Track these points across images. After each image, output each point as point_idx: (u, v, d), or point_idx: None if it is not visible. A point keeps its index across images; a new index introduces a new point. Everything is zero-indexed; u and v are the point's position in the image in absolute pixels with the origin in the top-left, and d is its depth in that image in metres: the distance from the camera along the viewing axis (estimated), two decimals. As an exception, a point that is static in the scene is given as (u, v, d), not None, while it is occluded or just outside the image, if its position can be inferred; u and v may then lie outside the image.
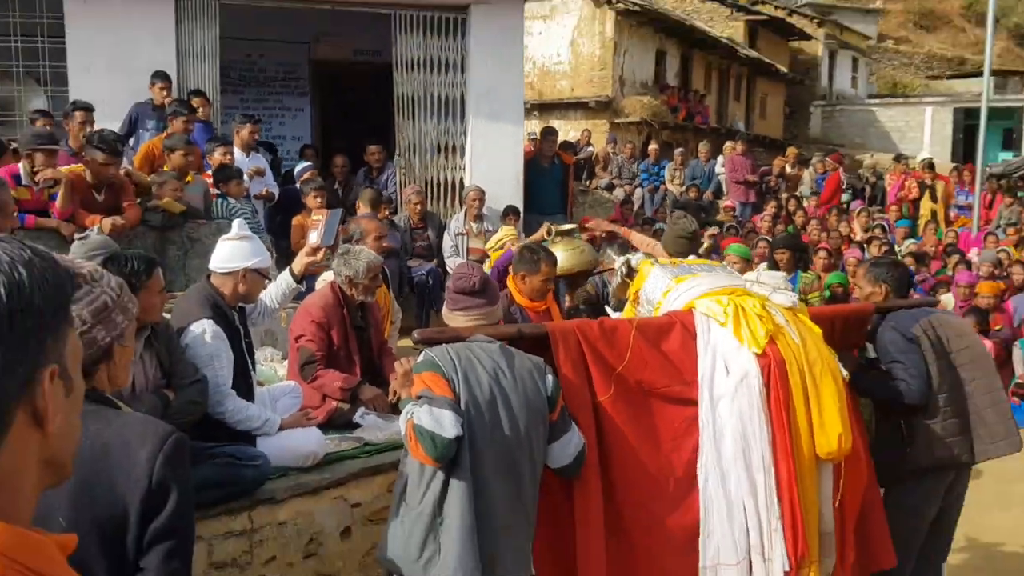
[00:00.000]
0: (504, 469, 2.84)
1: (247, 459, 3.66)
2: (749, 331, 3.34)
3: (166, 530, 1.78)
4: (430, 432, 2.68)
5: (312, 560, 3.86)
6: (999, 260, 9.94)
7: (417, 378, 2.86)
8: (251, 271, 3.91)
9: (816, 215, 12.45)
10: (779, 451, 3.26)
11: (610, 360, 3.24)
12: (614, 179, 14.77)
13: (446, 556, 2.76)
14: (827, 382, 3.38)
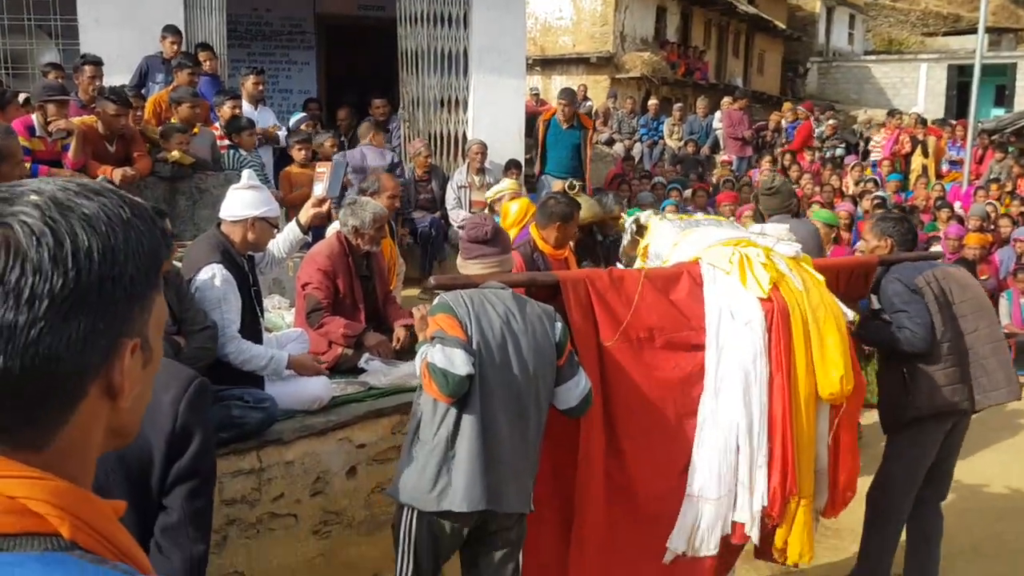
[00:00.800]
0: (512, 408, 3.00)
1: (255, 401, 3.78)
2: (754, 278, 3.46)
3: (189, 471, 1.85)
4: (442, 369, 2.84)
5: (319, 498, 4.03)
6: (987, 214, 10.17)
7: (432, 320, 3.02)
8: (260, 220, 3.96)
9: (811, 169, 12.63)
10: (776, 392, 3.39)
11: (617, 308, 3.38)
12: (614, 134, 14.91)
13: (460, 487, 2.91)
14: (830, 326, 3.50)
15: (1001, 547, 5.05)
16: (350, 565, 4.17)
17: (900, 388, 4.07)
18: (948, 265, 4.48)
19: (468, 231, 3.35)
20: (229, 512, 3.75)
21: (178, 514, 1.84)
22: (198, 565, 1.86)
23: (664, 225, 4.03)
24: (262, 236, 4.04)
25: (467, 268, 3.32)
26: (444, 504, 2.93)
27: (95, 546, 0.82)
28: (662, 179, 11.50)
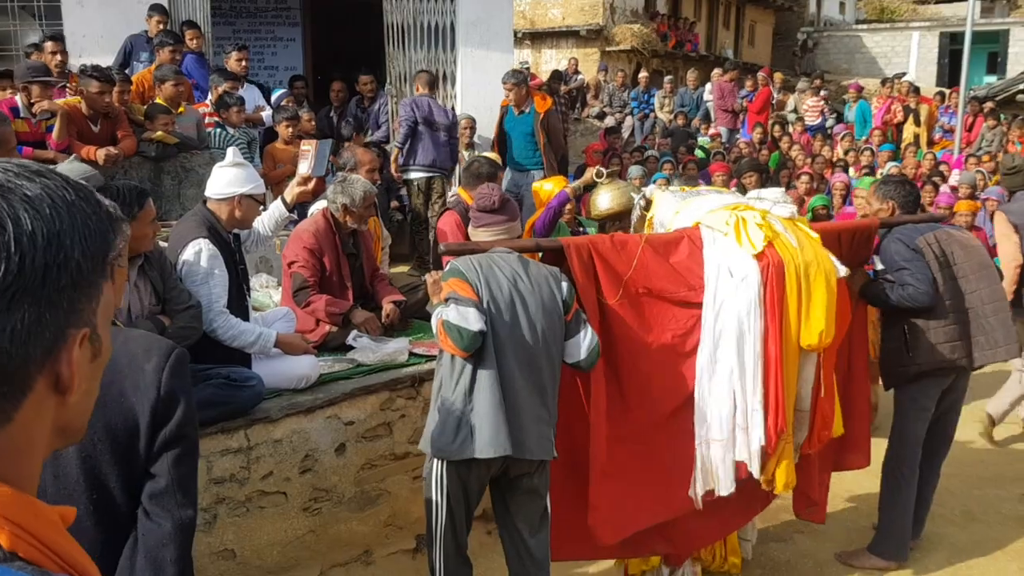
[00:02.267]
0: (524, 361, 3.20)
1: (242, 380, 3.77)
2: (748, 237, 3.66)
3: (175, 437, 1.87)
4: (457, 325, 3.06)
5: (308, 475, 4.03)
6: (976, 181, 10.15)
7: (444, 285, 3.23)
8: (246, 197, 3.97)
9: (800, 140, 12.59)
10: (770, 342, 3.62)
11: (619, 269, 3.59)
12: (605, 107, 14.84)
13: (480, 436, 3.11)
14: (819, 282, 3.68)
15: (993, 512, 5.08)
16: (341, 541, 4.18)
17: (902, 344, 4.20)
18: (951, 227, 4.52)
19: (477, 201, 3.58)
20: (218, 491, 3.75)
21: (166, 480, 1.86)
22: (188, 529, 1.89)
23: (666, 195, 4.19)
24: (248, 213, 4.04)
25: (476, 235, 3.56)
26: (467, 452, 3.12)
27: (37, 557, 0.78)
28: (654, 152, 11.45)
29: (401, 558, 4.37)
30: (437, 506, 3.26)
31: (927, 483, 4.51)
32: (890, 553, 4.36)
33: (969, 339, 4.18)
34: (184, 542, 1.88)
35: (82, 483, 1.82)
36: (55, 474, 1.83)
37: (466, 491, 3.27)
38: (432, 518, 3.30)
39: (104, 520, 1.84)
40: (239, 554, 3.84)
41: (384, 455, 4.31)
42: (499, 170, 5.38)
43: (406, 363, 4.50)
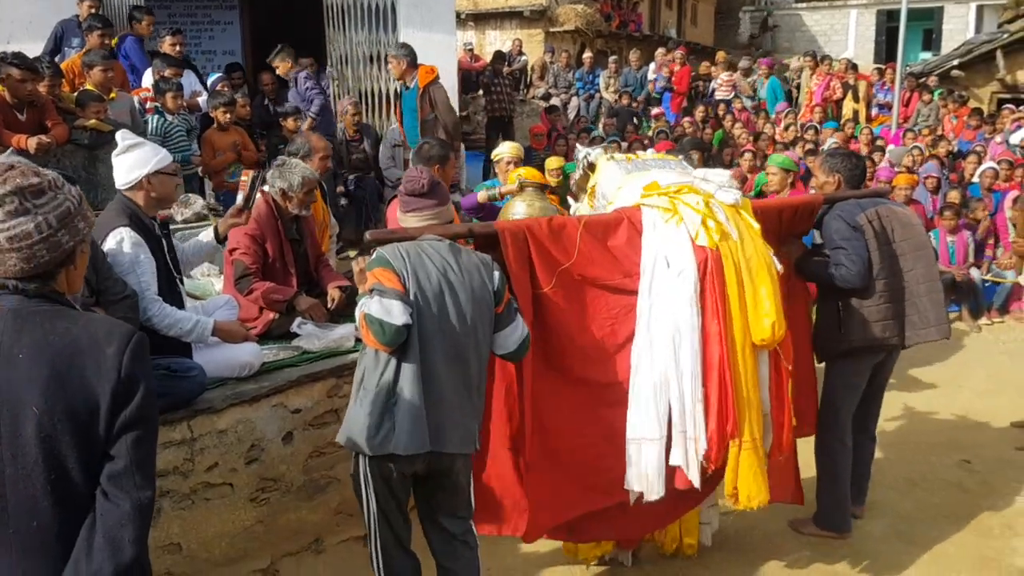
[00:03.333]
0: (451, 354, 3.09)
1: (183, 371, 3.70)
2: (702, 225, 3.51)
3: (134, 420, 1.88)
4: (379, 319, 2.94)
5: (255, 465, 3.98)
6: (912, 156, 10.36)
7: (369, 274, 3.11)
8: (154, 175, 3.80)
9: (741, 118, 12.71)
10: (711, 338, 3.46)
11: (556, 256, 3.47)
12: (550, 89, 14.82)
13: (399, 430, 3.01)
14: (762, 276, 3.56)
15: (934, 479, 5.20)
16: (291, 530, 4.13)
17: (835, 321, 4.23)
18: (893, 204, 4.55)
19: (405, 184, 3.38)
20: (162, 484, 3.67)
21: (124, 461, 1.87)
22: (146, 510, 1.90)
23: (611, 166, 4.05)
24: (164, 189, 3.88)
25: (406, 221, 3.38)
26: (388, 448, 3.03)
27: None
28: (600, 132, 11.47)
29: (353, 545, 4.32)
30: (367, 502, 3.19)
31: (864, 451, 4.60)
32: (834, 523, 4.44)
33: (902, 318, 4.22)
34: (142, 523, 1.89)
35: (41, 463, 1.82)
36: (13, 454, 1.83)
37: (390, 487, 3.17)
38: (365, 514, 3.23)
39: (62, 500, 1.85)
40: (185, 547, 3.78)
41: (332, 443, 4.24)
42: (450, 151, 5.25)
43: (352, 349, 4.44)
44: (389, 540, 3.26)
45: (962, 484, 5.15)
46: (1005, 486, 5.10)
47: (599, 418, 3.60)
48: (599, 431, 3.59)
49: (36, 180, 1.90)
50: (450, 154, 5.20)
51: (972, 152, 10.83)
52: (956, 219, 8.85)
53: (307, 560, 4.15)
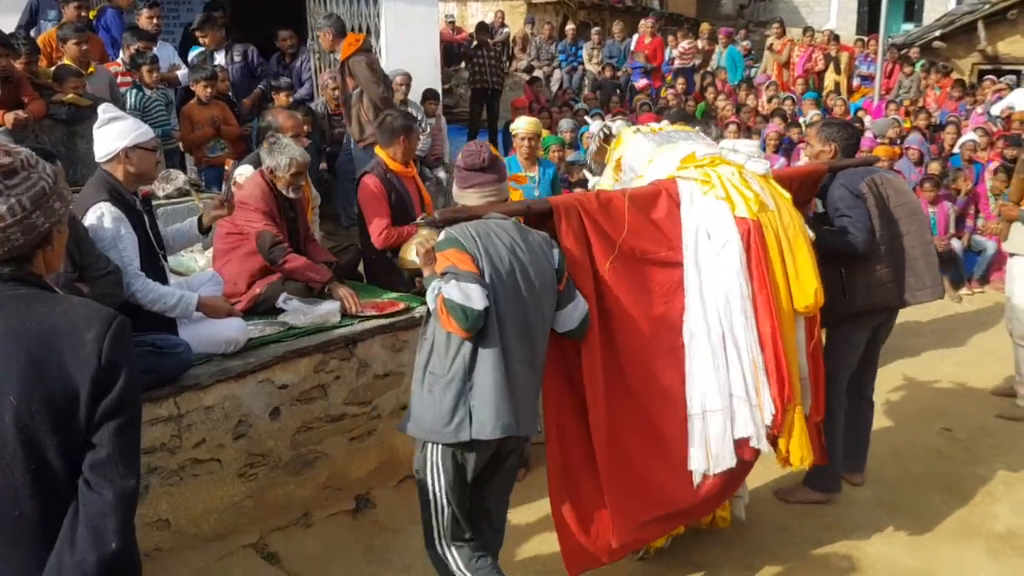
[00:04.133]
0: (523, 336, 3.04)
1: (168, 347, 3.68)
2: (740, 196, 3.57)
3: (117, 407, 1.83)
4: (460, 305, 2.85)
5: (242, 441, 3.97)
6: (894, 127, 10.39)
7: (441, 255, 3.00)
8: (132, 148, 3.75)
9: (724, 90, 12.69)
10: (760, 308, 3.54)
11: (608, 231, 3.43)
12: (533, 61, 14.72)
13: (480, 416, 2.95)
14: (800, 243, 3.69)
15: (916, 447, 5.27)
16: (280, 505, 4.14)
17: (838, 287, 4.29)
18: (885, 171, 4.67)
19: (465, 158, 3.25)
20: (149, 461, 3.66)
21: (107, 450, 1.82)
22: (130, 499, 1.86)
23: (639, 139, 4.07)
24: (142, 164, 3.83)
25: (465, 198, 3.25)
26: (462, 435, 2.97)
27: None
28: (583, 105, 11.42)
29: (341, 519, 4.35)
30: (436, 496, 3.11)
31: (863, 417, 4.70)
32: (825, 485, 4.53)
33: (901, 280, 4.35)
34: (126, 512, 1.85)
35: (20, 454, 1.78)
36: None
37: (462, 475, 3.11)
38: (433, 511, 3.15)
39: (43, 491, 1.81)
40: (174, 523, 3.78)
41: (320, 417, 4.27)
42: (414, 123, 5.21)
43: (339, 324, 4.43)
44: (459, 533, 3.20)
45: (944, 452, 5.22)
46: (986, 453, 5.18)
47: (662, 401, 3.54)
48: (662, 416, 3.53)
49: (7, 160, 1.83)
50: (414, 125, 5.16)
51: (950, 123, 10.84)
52: (936, 190, 8.89)
53: (296, 534, 4.17)
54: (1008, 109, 11.08)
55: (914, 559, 4.10)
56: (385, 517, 4.45)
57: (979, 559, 4.12)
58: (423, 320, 3.21)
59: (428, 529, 3.24)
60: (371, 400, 4.48)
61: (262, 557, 3.99)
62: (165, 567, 3.72)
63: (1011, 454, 5.14)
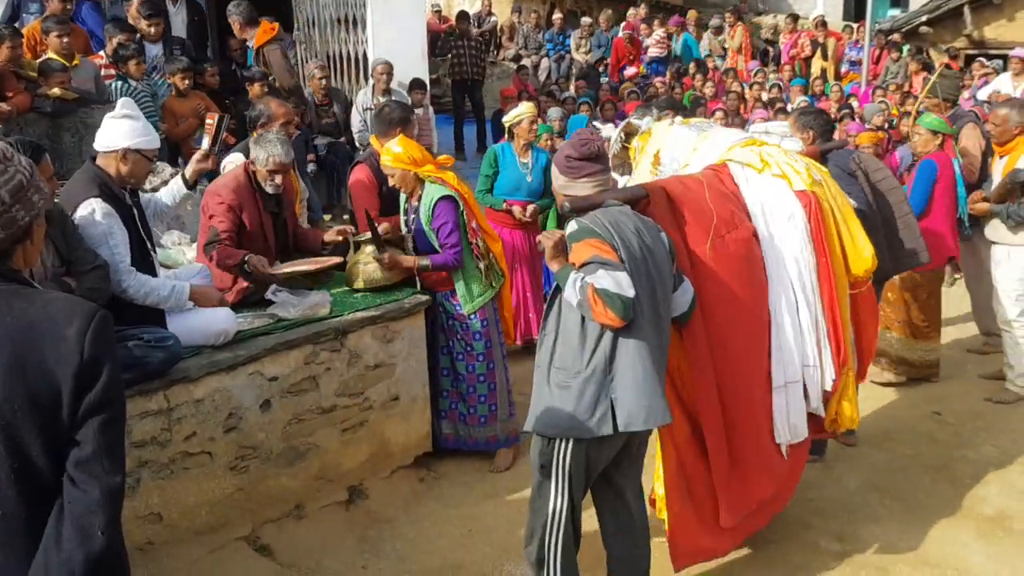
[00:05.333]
0: (654, 321, 3.01)
1: (156, 340, 3.65)
2: (794, 171, 3.68)
3: (100, 403, 1.80)
4: (617, 294, 2.80)
5: (233, 433, 3.95)
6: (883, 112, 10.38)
7: (582, 245, 2.94)
8: (132, 151, 3.75)
9: (712, 77, 12.68)
10: (823, 277, 3.67)
11: (696, 212, 3.44)
12: (520, 50, 14.68)
13: (627, 407, 2.91)
14: (849, 212, 3.87)
15: (907, 431, 5.31)
16: (272, 497, 4.13)
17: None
18: (862, 151, 5.06)
19: (579, 148, 3.14)
20: (140, 454, 3.65)
21: (92, 447, 1.79)
22: (116, 496, 1.83)
23: (678, 130, 4.17)
24: (136, 169, 3.82)
25: (575, 188, 3.15)
26: (605, 428, 2.93)
27: None
28: (571, 94, 11.39)
29: (334, 510, 4.35)
30: (558, 494, 3.05)
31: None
32: (816, 448, 4.66)
33: (893, 249, 4.61)
34: (113, 509, 1.82)
35: (3, 453, 1.75)
36: None
37: (590, 472, 3.06)
38: (551, 507, 3.08)
39: (27, 490, 1.78)
40: (166, 517, 3.77)
41: (311, 409, 4.25)
42: (411, 114, 5.18)
43: (329, 316, 4.41)
44: (569, 533, 3.13)
45: (934, 435, 5.24)
46: (975, 436, 5.21)
47: (755, 378, 3.59)
48: (756, 393, 3.58)
49: None
50: (412, 117, 5.12)
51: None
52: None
53: (288, 526, 4.16)
54: (995, 93, 11.10)
55: (905, 541, 4.13)
56: (378, 508, 4.45)
57: (969, 540, 4.14)
58: (544, 313, 3.12)
59: (539, 525, 3.14)
60: (363, 391, 4.47)
61: (254, 549, 3.98)
62: (157, 561, 3.71)
63: (1000, 437, 5.17)
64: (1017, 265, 5.55)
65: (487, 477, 4.81)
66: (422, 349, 4.78)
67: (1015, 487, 4.59)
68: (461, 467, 4.92)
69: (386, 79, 8.64)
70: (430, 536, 4.25)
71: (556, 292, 3.07)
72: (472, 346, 4.81)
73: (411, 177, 4.64)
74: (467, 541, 4.20)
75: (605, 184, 3.17)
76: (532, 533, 3.20)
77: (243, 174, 4.58)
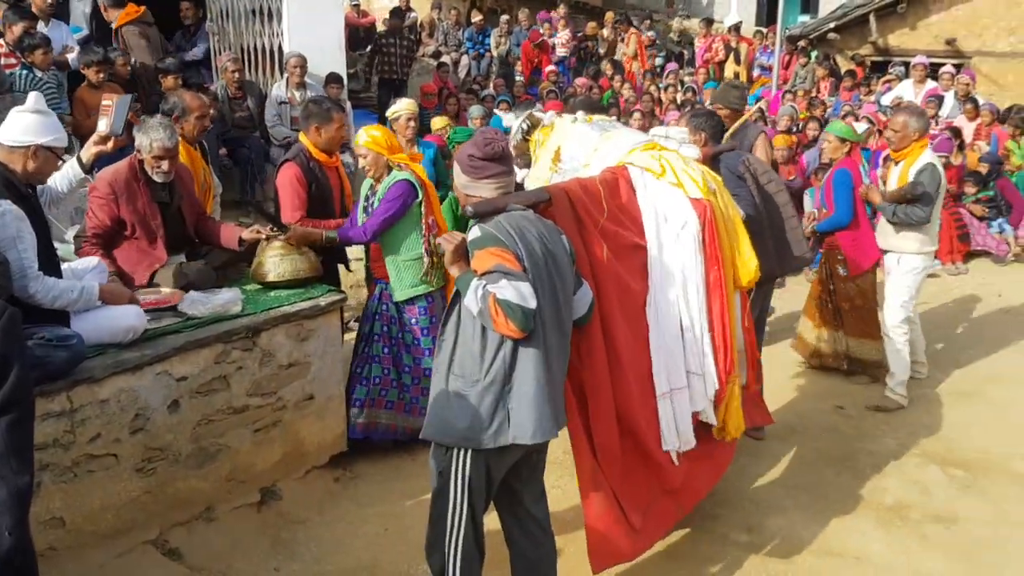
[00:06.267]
0: (556, 329, 2.97)
1: (58, 340, 3.54)
2: (690, 180, 3.71)
3: (8, 402, 1.78)
4: (520, 306, 2.74)
5: (140, 435, 3.85)
6: (794, 115, 10.72)
7: (485, 253, 2.86)
8: (42, 148, 3.64)
9: (628, 78, 12.88)
10: (712, 284, 3.72)
11: (593, 216, 3.43)
12: (440, 46, 14.63)
13: (520, 419, 2.87)
14: (739, 222, 3.93)
15: (811, 425, 5.48)
16: (181, 499, 4.03)
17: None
18: (750, 155, 5.12)
19: (483, 148, 3.03)
20: (41, 457, 3.50)
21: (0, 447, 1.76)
22: (24, 497, 1.81)
23: (580, 128, 4.15)
24: (44, 166, 3.71)
25: (478, 188, 3.05)
26: (501, 440, 2.89)
27: None
28: (491, 91, 11.42)
29: (246, 512, 4.28)
30: (456, 502, 2.99)
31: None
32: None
33: (779, 252, 4.75)
34: (20, 510, 1.81)
35: None
36: None
37: (490, 482, 3.02)
38: (450, 516, 3.02)
39: None
40: (69, 521, 3.65)
41: (222, 409, 4.17)
42: (332, 113, 5.05)
43: (240, 314, 4.32)
44: (470, 545, 3.06)
45: (837, 429, 5.44)
46: (876, 429, 5.42)
47: (639, 383, 3.58)
48: (640, 398, 3.58)
49: None
50: (331, 116, 5.04)
51: (846, 113, 11.23)
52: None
53: (198, 529, 4.07)
54: (897, 99, 11.57)
55: (809, 531, 4.27)
56: (292, 509, 4.39)
57: (869, 529, 4.31)
58: (442, 319, 3.07)
59: (439, 534, 3.08)
60: (276, 391, 4.39)
61: (163, 553, 3.89)
62: (60, 567, 3.59)
63: (900, 431, 5.39)
64: (906, 270, 5.58)
65: (403, 476, 4.79)
66: (338, 347, 4.73)
67: (912, 479, 4.80)
68: (377, 466, 4.89)
69: (300, 72, 8.52)
70: (345, 536, 4.21)
71: (456, 297, 3.02)
72: (419, 340, 4.84)
73: (383, 162, 4.70)
74: (383, 541, 4.18)
75: (508, 186, 3.09)
76: (433, 543, 3.14)
77: (125, 165, 4.43)
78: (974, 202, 9.44)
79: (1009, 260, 9.17)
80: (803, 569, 4.00)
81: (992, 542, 4.22)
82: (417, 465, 4.90)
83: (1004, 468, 4.93)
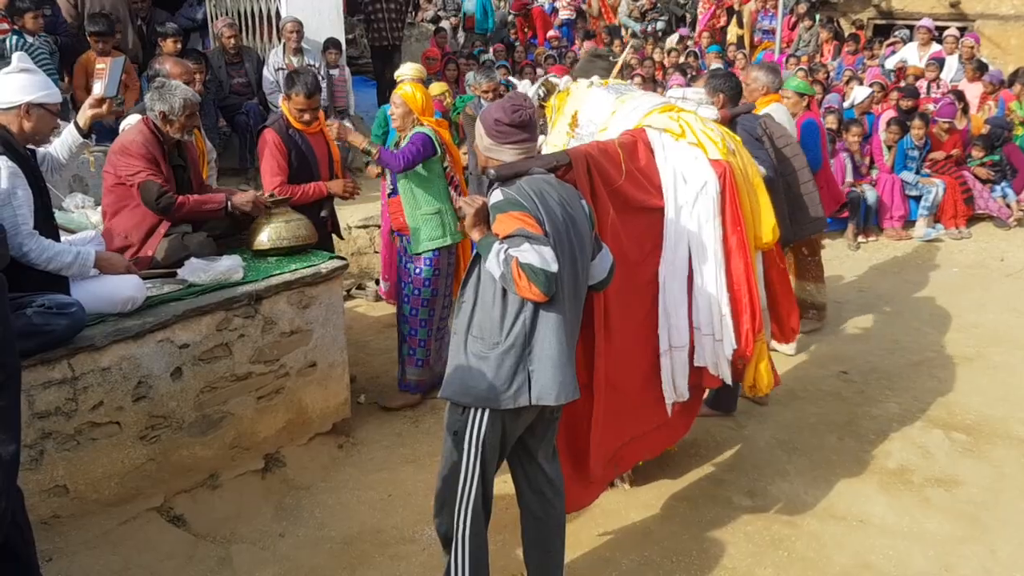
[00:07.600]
0: (573, 293, 2.98)
1: (58, 307, 3.51)
2: (710, 140, 3.70)
3: None
4: (543, 270, 2.73)
5: (143, 403, 3.84)
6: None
7: (506, 217, 2.84)
8: (35, 106, 3.60)
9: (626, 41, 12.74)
10: (735, 246, 3.72)
11: (610, 179, 3.44)
12: (439, 11, 14.48)
13: (542, 381, 2.89)
14: (759, 182, 3.92)
15: (814, 390, 5.48)
16: (185, 467, 4.03)
17: None
18: (767, 116, 5.08)
19: (510, 114, 2.99)
20: (43, 426, 3.52)
21: None
22: (11, 465, 1.76)
23: (596, 91, 4.12)
24: (40, 124, 3.67)
25: (501, 153, 3.02)
26: (521, 400, 2.91)
27: None
28: (490, 57, 11.30)
29: (250, 479, 4.28)
30: (469, 462, 2.99)
31: None
32: (725, 405, 4.92)
33: (794, 215, 4.73)
34: (7, 478, 1.76)
35: None
36: None
37: (504, 443, 3.03)
38: (462, 476, 3.02)
39: None
40: (72, 489, 3.65)
41: (224, 376, 4.15)
42: (296, 86, 4.95)
43: (241, 281, 4.30)
44: (479, 505, 3.07)
45: (840, 394, 5.44)
46: (879, 394, 5.42)
47: (639, 338, 3.70)
48: (639, 352, 3.70)
49: None
50: (295, 87, 4.97)
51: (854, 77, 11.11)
52: (833, 144, 9.14)
53: (203, 496, 4.08)
54: (902, 63, 11.44)
55: (811, 494, 4.28)
56: (296, 475, 4.40)
57: (872, 493, 4.32)
58: (463, 280, 3.06)
59: (450, 493, 3.09)
60: (278, 358, 4.38)
61: (167, 520, 3.90)
62: (64, 535, 3.60)
63: (903, 395, 5.39)
64: None
65: (406, 442, 4.80)
66: (339, 314, 4.71)
67: (915, 442, 4.80)
68: (380, 432, 4.90)
69: (296, 38, 8.43)
70: (349, 502, 4.22)
71: (476, 260, 3.02)
72: (419, 291, 5.02)
73: (411, 119, 4.92)
74: (387, 506, 4.20)
75: (530, 152, 3.07)
76: (442, 503, 3.16)
77: (146, 128, 4.42)
78: (979, 166, 9.36)
79: (1012, 224, 9.12)
80: (806, 532, 4.01)
81: (993, 505, 4.23)
82: (420, 432, 4.91)
83: (1005, 432, 4.93)
